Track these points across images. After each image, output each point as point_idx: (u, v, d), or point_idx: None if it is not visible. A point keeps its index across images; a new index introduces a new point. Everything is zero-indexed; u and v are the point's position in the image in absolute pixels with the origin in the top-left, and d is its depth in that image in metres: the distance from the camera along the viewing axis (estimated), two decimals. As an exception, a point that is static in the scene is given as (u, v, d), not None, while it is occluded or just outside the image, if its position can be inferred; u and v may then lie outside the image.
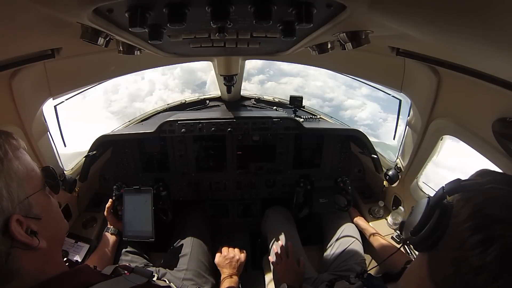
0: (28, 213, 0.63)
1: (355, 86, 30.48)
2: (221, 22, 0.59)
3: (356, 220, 1.95)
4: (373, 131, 21.27)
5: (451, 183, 0.65)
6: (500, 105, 0.96)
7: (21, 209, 0.62)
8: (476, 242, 0.53)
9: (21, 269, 0.61)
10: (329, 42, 0.98)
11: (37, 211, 0.66)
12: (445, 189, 0.64)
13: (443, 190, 0.64)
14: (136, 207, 1.74)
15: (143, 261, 1.72)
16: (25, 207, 0.63)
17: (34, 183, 0.68)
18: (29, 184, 0.65)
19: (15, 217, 0.60)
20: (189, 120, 1.94)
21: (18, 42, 0.82)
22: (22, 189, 0.63)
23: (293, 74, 35.43)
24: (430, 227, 0.64)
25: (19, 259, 0.61)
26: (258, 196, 2.35)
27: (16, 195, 0.61)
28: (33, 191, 0.66)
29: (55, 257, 0.72)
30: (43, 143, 1.52)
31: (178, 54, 1.21)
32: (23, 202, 0.63)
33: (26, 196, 0.63)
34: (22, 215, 0.62)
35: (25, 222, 0.62)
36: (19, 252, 0.60)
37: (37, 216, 0.65)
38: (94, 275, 0.77)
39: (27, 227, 0.62)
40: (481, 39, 0.52)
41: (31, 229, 0.63)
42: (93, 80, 1.70)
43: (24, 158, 0.68)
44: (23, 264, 0.62)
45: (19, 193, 0.62)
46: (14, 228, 0.59)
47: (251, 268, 2.10)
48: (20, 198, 0.62)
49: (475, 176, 0.65)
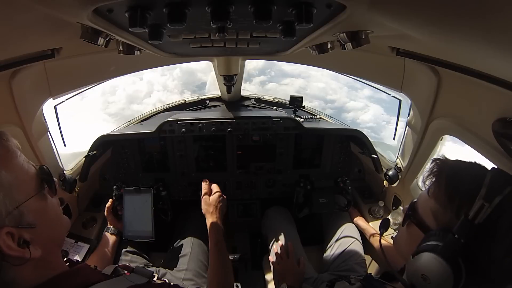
0: (19, 223, 0.60)
1: (357, 87, 30.27)
2: (221, 22, 0.59)
3: (356, 220, 1.95)
4: (376, 134, 20.93)
5: (461, 226, 0.63)
6: (500, 105, 0.96)
7: (11, 220, 0.59)
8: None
9: (17, 278, 0.60)
10: (329, 42, 0.98)
11: (31, 218, 0.62)
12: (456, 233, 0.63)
13: (455, 235, 0.63)
14: (136, 207, 1.74)
15: (143, 261, 1.72)
16: (15, 218, 0.59)
17: (27, 188, 0.64)
18: (20, 191, 0.62)
19: (4, 231, 0.57)
20: (189, 120, 1.94)
21: (18, 42, 0.82)
22: (11, 198, 0.59)
23: (294, 75, 35.26)
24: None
25: (13, 270, 0.59)
26: (258, 196, 2.35)
27: (4, 207, 0.57)
28: (25, 197, 0.62)
29: (53, 261, 0.70)
30: (43, 143, 1.52)
31: (178, 54, 1.21)
32: (13, 213, 0.59)
33: (16, 206, 0.60)
34: (13, 226, 0.58)
35: (17, 233, 0.59)
36: (10, 264, 0.58)
37: (30, 225, 0.62)
38: (94, 275, 0.76)
39: (20, 238, 0.59)
40: (481, 39, 0.52)
41: (23, 239, 0.60)
42: (93, 80, 1.70)
43: (14, 163, 0.64)
44: (17, 274, 0.60)
45: (7, 204, 0.58)
46: (2, 243, 0.56)
47: (251, 268, 2.10)
48: (9, 209, 0.58)
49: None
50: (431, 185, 0.75)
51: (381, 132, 22.40)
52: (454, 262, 0.61)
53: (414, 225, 0.78)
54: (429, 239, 0.68)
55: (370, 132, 17.74)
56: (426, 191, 0.76)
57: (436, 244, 0.65)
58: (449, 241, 0.63)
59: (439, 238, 0.66)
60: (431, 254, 0.65)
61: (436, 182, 0.73)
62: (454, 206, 0.67)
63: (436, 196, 0.72)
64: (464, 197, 0.66)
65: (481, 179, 0.64)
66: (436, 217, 0.71)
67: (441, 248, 0.64)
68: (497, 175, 0.65)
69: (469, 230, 0.62)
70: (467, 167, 0.73)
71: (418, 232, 0.75)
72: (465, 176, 0.69)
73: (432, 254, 0.65)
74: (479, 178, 0.65)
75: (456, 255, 0.62)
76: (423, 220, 0.75)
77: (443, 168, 0.73)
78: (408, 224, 0.82)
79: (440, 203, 0.70)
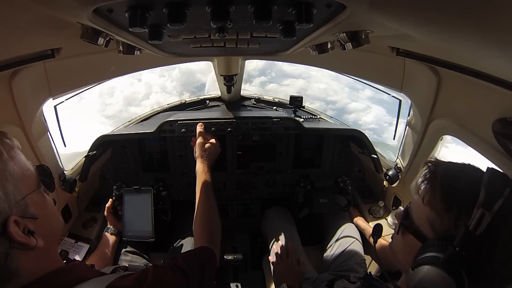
0: (24, 213, 0.64)
1: (358, 88, 29.98)
2: (221, 22, 0.59)
3: (356, 220, 1.95)
4: (379, 136, 20.59)
5: (463, 239, 0.61)
6: (500, 105, 0.96)
7: (18, 210, 0.62)
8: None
9: (20, 268, 0.62)
10: (329, 42, 0.98)
11: (33, 210, 0.66)
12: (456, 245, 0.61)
13: (455, 248, 0.61)
14: (136, 207, 1.74)
15: (143, 261, 1.72)
16: (22, 208, 0.63)
17: (29, 183, 0.68)
18: (24, 184, 0.66)
19: (12, 218, 0.60)
20: (189, 120, 1.94)
21: (18, 42, 0.82)
22: (18, 190, 0.63)
23: (295, 75, 35.02)
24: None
25: (18, 259, 0.61)
26: (258, 196, 2.35)
27: (13, 196, 0.62)
28: (29, 191, 0.66)
29: (52, 255, 0.73)
30: (43, 143, 1.52)
31: (178, 54, 1.21)
32: (20, 203, 0.63)
33: (22, 197, 0.64)
34: (19, 216, 0.62)
35: (22, 222, 0.62)
36: (17, 252, 0.61)
37: (33, 216, 0.66)
38: (90, 272, 0.77)
39: (24, 227, 0.63)
40: (481, 39, 0.52)
41: (28, 229, 0.63)
42: (93, 80, 1.70)
43: (19, 158, 0.68)
44: (21, 263, 0.62)
45: (15, 194, 0.62)
46: (12, 229, 0.59)
47: (251, 268, 2.10)
48: (17, 199, 0.63)
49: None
50: (426, 192, 0.72)
51: (383, 134, 22.07)
52: (457, 275, 0.60)
53: (409, 234, 0.75)
54: (427, 250, 0.66)
55: (372, 134, 17.48)
56: (421, 198, 0.73)
57: (436, 256, 0.63)
58: (451, 254, 0.61)
59: (438, 249, 0.64)
60: (433, 268, 0.63)
61: (431, 189, 0.70)
62: (451, 215, 0.64)
63: (431, 204, 0.69)
64: (461, 205, 0.63)
65: (477, 184, 0.62)
66: (433, 226, 0.69)
67: (442, 261, 0.62)
68: (493, 178, 0.63)
69: (470, 241, 0.60)
70: (461, 170, 0.70)
71: (415, 241, 0.72)
72: (461, 182, 0.67)
73: (433, 267, 0.63)
74: (475, 182, 0.63)
75: (458, 268, 0.60)
76: (419, 229, 0.72)
77: (437, 172, 0.70)
78: (403, 232, 0.79)
79: (436, 212, 0.68)
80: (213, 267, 1.02)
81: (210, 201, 1.28)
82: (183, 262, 0.89)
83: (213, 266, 1.03)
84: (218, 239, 1.17)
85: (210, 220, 1.23)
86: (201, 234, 1.18)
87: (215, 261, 1.05)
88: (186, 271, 0.85)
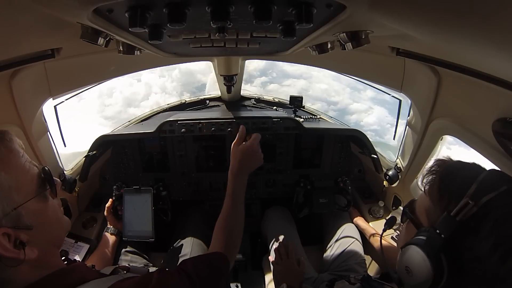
0: (17, 224, 0.61)
1: (359, 88, 29.98)
2: (221, 22, 0.59)
3: (356, 220, 1.95)
4: (381, 137, 20.43)
5: (443, 222, 0.64)
6: (500, 105, 0.96)
7: (8, 222, 0.59)
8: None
9: (12, 277, 0.61)
10: (329, 42, 0.98)
11: (28, 220, 0.63)
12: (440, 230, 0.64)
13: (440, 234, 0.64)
14: (136, 207, 1.74)
15: (143, 261, 1.72)
16: (13, 219, 0.60)
17: (27, 189, 0.64)
18: (19, 192, 0.62)
19: (1, 231, 0.57)
20: (189, 120, 1.94)
21: (18, 42, 0.82)
22: (10, 200, 0.60)
23: (296, 76, 34.97)
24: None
25: (8, 270, 0.59)
26: (258, 196, 2.35)
27: (1, 208, 0.58)
28: (25, 199, 0.63)
29: (49, 260, 0.70)
30: (43, 143, 1.52)
31: (178, 54, 1.21)
32: (10, 214, 0.60)
33: (14, 207, 0.60)
34: (10, 227, 0.59)
35: (14, 234, 0.60)
36: (6, 264, 0.59)
37: (27, 226, 0.62)
38: (90, 273, 0.76)
39: (16, 238, 0.60)
40: (481, 39, 0.52)
41: (20, 240, 0.61)
42: (93, 80, 1.70)
43: (16, 164, 0.64)
44: (13, 272, 0.60)
45: (5, 206, 0.59)
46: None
47: (251, 268, 2.10)
48: (7, 211, 0.59)
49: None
50: (427, 183, 0.75)
51: (385, 136, 21.90)
52: (434, 257, 0.63)
53: (410, 223, 0.79)
54: (417, 235, 0.70)
55: (374, 135, 17.35)
56: (423, 189, 0.77)
57: (420, 238, 0.67)
58: (431, 236, 0.65)
59: (424, 233, 0.68)
60: (415, 247, 0.67)
61: (431, 180, 0.74)
62: (443, 204, 0.67)
63: (430, 194, 0.73)
64: (452, 195, 0.66)
65: (474, 179, 0.64)
66: (428, 214, 0.72)
67: (424, 242, 0.65)
68: (490, 175, 0.65)
69: (450, 226, 0.62)
70: (463, 167, 0.72)
71: (414, 229, 0.76)
72: (458, 175, 0.69)
73: (415, 247, 0.67)
74: (471, 177, 0.65)
75: (437, 250, 0.63)
76: (417, 218, 0.76)
77: (441, 166, 0.74)
78: (405, 221, 0.83)
79: (432, 201, 0.71)
80: (224, 275, 0.95)
81: (239, 211, 1.17)
82: (191, 267, 0.84)
83: (225, 274, 0.96)
84: (235, 251, 1.10)
85: (233, 231, 1.13)
86: (220, 239, 1.08)
87: (228, 270, 0.99)
88: (193, 278, 0.80)
